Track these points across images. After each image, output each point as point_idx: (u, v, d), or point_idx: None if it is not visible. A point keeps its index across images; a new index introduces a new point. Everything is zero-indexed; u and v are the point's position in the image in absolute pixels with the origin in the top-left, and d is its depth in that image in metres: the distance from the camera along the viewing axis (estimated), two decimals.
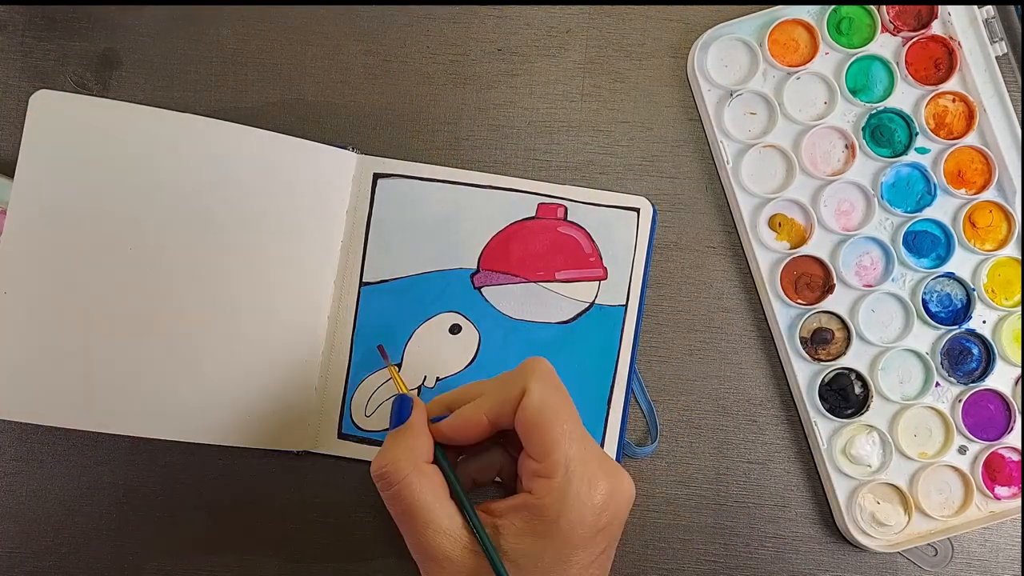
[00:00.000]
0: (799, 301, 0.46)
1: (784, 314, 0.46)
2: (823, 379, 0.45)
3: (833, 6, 0.47)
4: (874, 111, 0.46)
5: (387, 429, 0.37)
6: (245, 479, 0.45)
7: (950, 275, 0.46)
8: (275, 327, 0.43)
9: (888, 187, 0.47)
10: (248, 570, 0.44)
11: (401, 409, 0.36)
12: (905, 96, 0.47)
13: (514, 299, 0.45)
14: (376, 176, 0.45)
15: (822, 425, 0.45)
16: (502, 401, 0.35)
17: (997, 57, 0.47)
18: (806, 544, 0.46)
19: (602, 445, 0.45)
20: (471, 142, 0.47)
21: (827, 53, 0.47)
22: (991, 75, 0.47)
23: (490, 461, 0.38)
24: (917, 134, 0.46)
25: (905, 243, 0.46)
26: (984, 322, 0.47)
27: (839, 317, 0.46)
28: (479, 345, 0.45)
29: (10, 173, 0.41)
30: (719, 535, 0.46)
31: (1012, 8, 0.47)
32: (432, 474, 0.34)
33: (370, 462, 0.43)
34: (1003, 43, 0.47)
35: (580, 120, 0.47)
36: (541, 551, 0.33)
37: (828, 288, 0.46)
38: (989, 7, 0.47)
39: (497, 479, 0.38)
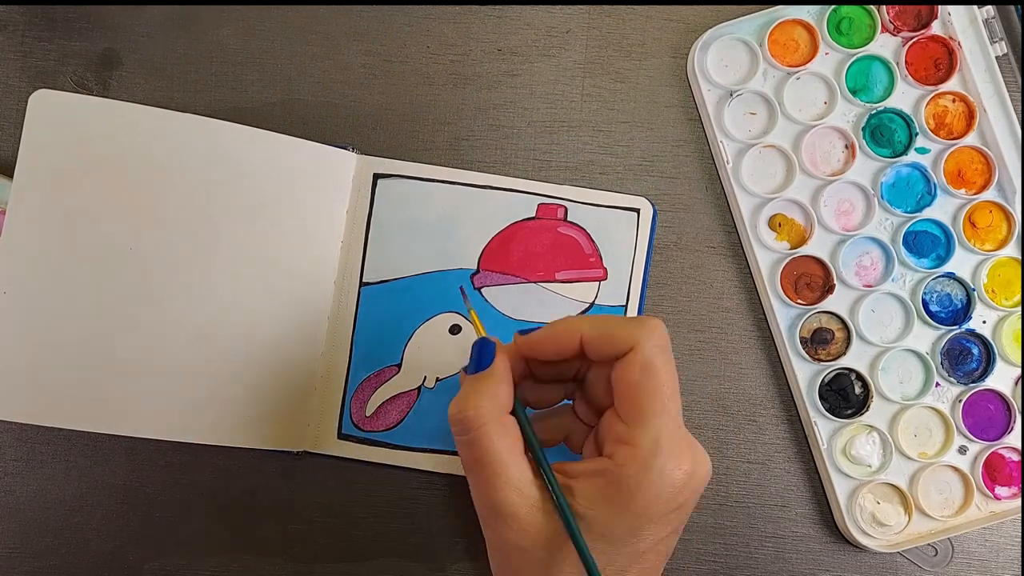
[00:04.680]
0: (799, 301, 0.46)
1: (784, 314, 0.46)
2: (823, 379, 0.45)
3: (833, 6, 0.47)
4: (874, 111, 0.46)
5: (464, 371, 0.35)
6: (245, 479, 0.45)
7: (950, 275, 0.46)
8: (274, 327, 0.43)
9: (888, 187, 0.47)
10: (248, 570, 0.44)
11: (482, 353, 0.34)
12: (905, 96, 0.47)
13: (514, 299, 0.45)
14: (376, 176, 0.45)
15: (822, 425, 0.45)
16: (606, 336, 0.33)
17: (997, 57, 0.47)
18: (806, 544, 0.46)
19: None
20: (471, 142, 0.47)
21: (827, 53, 0.47)
22: (991, 75, 0.47)
23: (558, 423, 0.37)
24: (917, 134, 0.46)
25: (905, 243, 0.46)
26: (984, 322, 0.47)
27: (839, 317, 0.46)
28: None
29: (10, 173, 0.41)
30: (719, 535, 0.46)
31: (1012, 8, 0.46)
32: (510, 426, 0.33)
33: (370, 462, 0.44)
34: (1003, 43, 0.47)
35: (580, 120, 0.47)
36: (614, 521, 0.31)
37: (828, 288, 0.46)
38: (989, 7, 0.47)
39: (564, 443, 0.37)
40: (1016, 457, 0.46)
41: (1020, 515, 0.46)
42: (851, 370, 0.46)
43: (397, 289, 0.45)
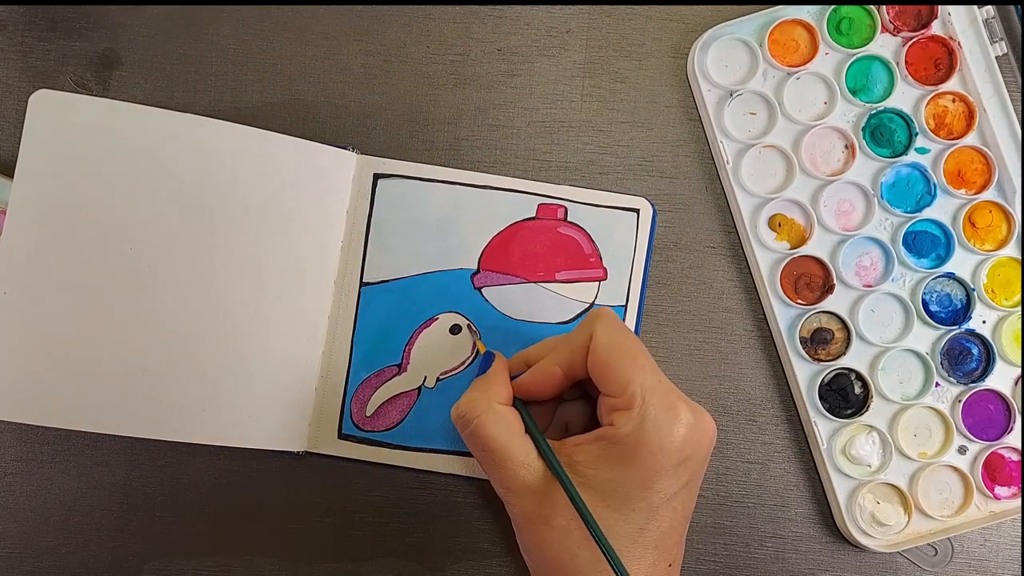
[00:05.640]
0: (799, 301, 0.46)
1: (784, 314, 0.46)
2: (823, 379, 0.45)
3: (833, 6, 0.47)
4: (874, 111, 0.46)
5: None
6: (245, 479, 0.45)
7: (950, 275, 0.46)
8: (275, 327, 0.43)
9: (888, 187, 0.47)
10: (248, 570, 0.44)
11: (484, 363, 0.39)
12: (905, 96, 0.47)
13: (514, 299, 0.45)
14: (376, 176, 0.45)
15: (822, 425, 0.45)
16: (572, 350, 0.36)
17: (997, 57, 0.47)
18: (806, 544, 0.46)
19: None
20: (471, 142, 0.47)
21: (827, 53, 0.47)
22: (991, 75, 0.47)
23: (550, 408, 0.40)
24: (917, 134, 0.46)
25: (905, 243, 0.46)
26: (984, 322, 0.47)
27: (839, 317, 0.46)
28: None
29: (10, 173, 0.41)
30: (719, 535, 0.46)
31: (1012, 8, 0.47)
32: (505, 413, 0.36)
33: (370, 462, 0.44)
34: (1003, 43, 0.47)
35: (580, 120, 0.47)
36: (621, 478, 0.33)
37: (828, 288, 0.46)
38: (989, 7, 0.47)
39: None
40: (1016, 457, 0.46)
41: (1020, 515, 0.46)
42: (851, 370, 0.46)
43: (397, 289, 0.45)
